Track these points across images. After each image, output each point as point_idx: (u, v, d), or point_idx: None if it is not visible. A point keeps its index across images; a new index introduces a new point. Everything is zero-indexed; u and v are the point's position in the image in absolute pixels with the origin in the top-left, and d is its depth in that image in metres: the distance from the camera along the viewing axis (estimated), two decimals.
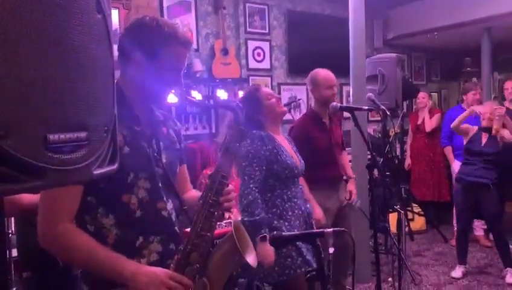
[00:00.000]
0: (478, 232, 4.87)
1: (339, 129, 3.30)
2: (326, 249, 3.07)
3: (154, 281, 1.23)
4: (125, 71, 1.41)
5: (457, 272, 4.04)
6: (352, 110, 2.71)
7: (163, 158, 1.44)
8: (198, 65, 4.55)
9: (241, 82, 4.91)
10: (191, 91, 4.23)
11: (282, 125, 2.64)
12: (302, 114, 3.72)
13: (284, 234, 1.69)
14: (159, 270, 1.28)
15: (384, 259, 4.17)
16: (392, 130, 4.80)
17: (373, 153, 2.70)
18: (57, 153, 0.73)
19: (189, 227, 1.38)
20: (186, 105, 4.08)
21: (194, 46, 4.63)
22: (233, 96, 4.64)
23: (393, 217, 3.84)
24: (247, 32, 5.19)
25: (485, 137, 3.94)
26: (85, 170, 0.80)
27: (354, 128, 3.09)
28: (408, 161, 5.65)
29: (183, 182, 1.64)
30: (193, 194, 1.63)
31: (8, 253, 2.19)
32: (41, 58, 0.70)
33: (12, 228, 2.34)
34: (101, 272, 1.27)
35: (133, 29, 1.39)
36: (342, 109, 2.80)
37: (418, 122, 5.53)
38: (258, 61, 5.29)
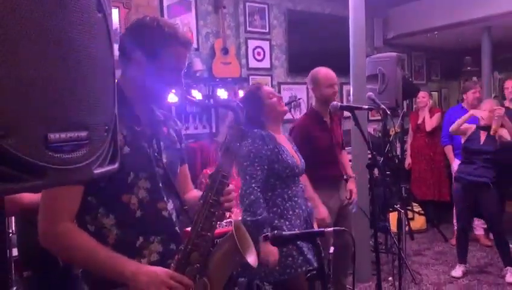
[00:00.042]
0: (478, 232, 4.87)
1: (339, 128, 3.30)
2: (326, 249, 3.08)
3: (154, 281, 1.23)
4: (125, 71, 1.42)
5: (458, 271, 4.04)
6: (352, 110, 2.71)
7: (164, 158, 1.44)
8: (198, 64, 4.55)
9: (241, 81, 4.91)
10: (191, 90, 4.23)
11: (282, 125, 2.64)
12: (302, 113, 3.72)
13: (284, 233, 1.69)
14: (160, 269, 1.28)
15: (385, 258, 4.17)
16: (393, 130, 4.79)
17: (373, 153, 2.69)
18: (58, 153, 0.73)
19: (189, 227, 1.38)
20: (186, 104, 4.08)
21: (194, 45, 4.63)
22: (234, 95, 4.64)
23: (394, 216, 3.84)
24: (247, 32, 5.18)
25: (483, 135, 3.92)
26: (86, 169, 0.80)
27: (354, 128, 3.09)
28: (408, 160, 5.65)
29: (184, 181, 1.64)
30: (194, 194, 1.63)
31: (8, 252, 2.19)
32: (41, 58, 0.70)
33: (12, 227, 2.34)
34: (102, 272, 1.27)
35: (133, 30, 1.40)
36: (342, 108, 2.79)
37: (419, 121, 5.53)
38: (258, 61, 5.28)
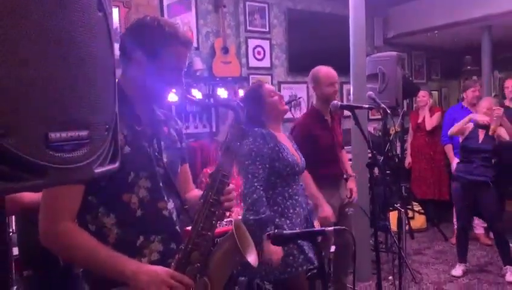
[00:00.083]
0: (478, 231, 4.87)
1: (339, 127, 3.30)
2: (327, 248, 3.08)
3: (155, 280, 1.23)
4: (126, 71, 1.42)
5: (458, 270, 4.04)
6: (352, 109, 2.71)
7: (164, 158, 1.44)
8: (198, 64, 4.55)
9: (242, 81, 4.91)
10: (191, 90, 4.23)
11: (283, 124, 2.64)
12: (302, 113, 3.72)
13: (285, 232, 1.69)
14: (160, 269, 1.28)
15: (385, 257, 4.18)
16: (393, 129, 4.80)
17: (373, 152, 2.69)
18: (58, 152, 0.73)
19: (190, 226, 1.38)
20: (186, 104, 4.08)
21: (194, 44, 4.62)
22: (234, 94, 4.64)
23: (394, 215, 3.84)
24: (247, 31, 5.18)
25: (482, 134, 3.90)
26: (86, 168, 0.80)
27: (354, 127, 3.09)
28: (408, 159, 5.65)
29: (185, 181, 1.64)
30: (195, 193, 1.63)
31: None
32: (42, 57, 0.70)
33: (13, 226, 2.34)
34: (102, 271, 1.27)
35: (134, 29, 1.40)
36: (342, 107, 2.80)
37: (419, 120, 5.53)
38: (258, 60, 5.28)
